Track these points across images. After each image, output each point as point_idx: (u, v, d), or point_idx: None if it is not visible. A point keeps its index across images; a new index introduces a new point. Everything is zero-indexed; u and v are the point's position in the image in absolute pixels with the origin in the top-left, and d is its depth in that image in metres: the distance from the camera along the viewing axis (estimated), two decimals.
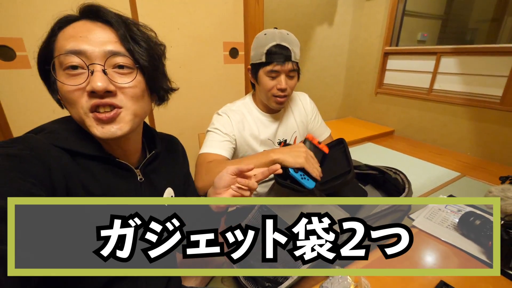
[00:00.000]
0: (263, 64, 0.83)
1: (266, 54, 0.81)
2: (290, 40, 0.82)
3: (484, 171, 2.11)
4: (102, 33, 0.43)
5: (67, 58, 0.40)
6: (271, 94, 0.86)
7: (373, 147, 2.70)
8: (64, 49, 0.41)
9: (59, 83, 0.42)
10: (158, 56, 0.50)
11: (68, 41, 0.41)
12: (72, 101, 0.42)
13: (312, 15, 2.81)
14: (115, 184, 0.47)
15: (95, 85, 0.40)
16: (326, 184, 0.75)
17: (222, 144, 0.85)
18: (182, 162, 0.67)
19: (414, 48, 2.75)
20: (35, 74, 0.46)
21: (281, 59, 0.80)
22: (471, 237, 0.63)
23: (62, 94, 0.43)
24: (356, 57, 3.34)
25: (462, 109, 2.42)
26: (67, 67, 0.41)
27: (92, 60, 0.41)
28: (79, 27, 0.42)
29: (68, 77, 0.41)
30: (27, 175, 0.33)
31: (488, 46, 2.19)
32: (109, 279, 0.47)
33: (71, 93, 0.41)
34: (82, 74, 0.41)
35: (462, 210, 0.73)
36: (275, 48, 0.80)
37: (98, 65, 0.41)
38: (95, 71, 0.41)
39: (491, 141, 2.28)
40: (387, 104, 3.10)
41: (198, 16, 1.55)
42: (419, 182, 1.95)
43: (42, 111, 1.31)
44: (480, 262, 0.57)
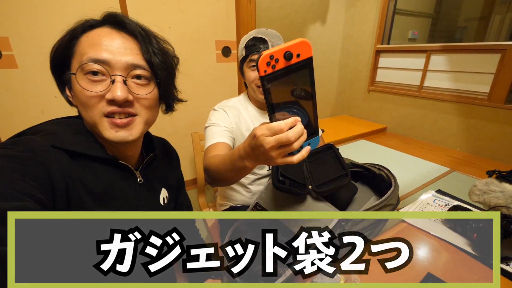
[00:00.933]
0: (244, 58, 0.88)
1: (245, 48, 0.86)
2: (268, 33, 0.87)
3: (473, 166, 2.17)
4: (125, 44, 0.44)
5: (90, 64, 0.42)
6: (254, 85, 0.89)
7: (366, 144, 2.74)
8: (87, 56, 0.42)
9: (78, 87, 0.43)
10: (173, 70, 0.52)
11: (93, 48, 0.42)
12: (90, 105, 0.43)
13: (306, 14, 2.82)
14: (116, 184, 0.48)
15: (116, 95, 0.42)
16: (322, 186, 0.77)
17: (223, 133, 0.87)
18: (176, 166, 0.69)
19: (405, 46, 2.79)
20: (22, 73, 0.46)
21: (258, 49, 0.85)
22: (457, 230, 0.65)
23: (80, 97, 0.44)
24: (349, 56, 3.37)
25: (451, 105, 2.48)
26: (88, 72, 0.42)
27: (114, 69, 0.43)
28: (104, 35, 0.44)
29: (89, 82, 0.42)
30: (28, 177, 0.34)
31: (475, 44, 2.24)
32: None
33: (90, 99, 0.43)
34: (103, 81, 0.43)
35: (450, 204, 0.75)
36: (252, 41, 0.86)
37: (120, 76, 0.43)
38: (116, 81, 0.43)
39: (479, 137, 2.34)
40: (380, 102, 3.15)
41: (189, 14, 1.54)
42: (411, 177, 1.99)
43: (29, 112, 1.28)
44: (466, 254, 0.59)
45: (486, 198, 0.62)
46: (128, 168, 0.51)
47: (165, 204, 0.60)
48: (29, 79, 1.22)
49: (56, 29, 0.45)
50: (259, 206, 0.86)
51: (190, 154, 1.79)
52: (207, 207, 1.40)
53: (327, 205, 0.75)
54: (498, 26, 2.76)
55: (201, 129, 1.58)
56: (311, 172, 0.79)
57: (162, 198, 0.60)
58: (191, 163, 1.83)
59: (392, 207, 0.81)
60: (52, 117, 0.49)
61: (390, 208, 0.81)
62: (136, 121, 0.46)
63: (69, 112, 0.51)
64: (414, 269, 0.56)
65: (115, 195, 0.48)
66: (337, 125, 3.22)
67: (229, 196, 1.07)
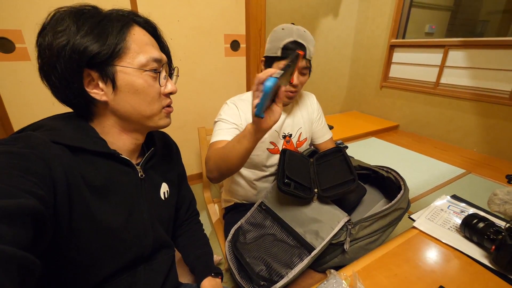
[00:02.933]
0: (278, 58, 0.83)
1: (283, 49, 0.81)
2: (307, 37, 0.83)
3: (491, 169, 2.07)
4: (155, 43, 0.51)
5: (153, 63, 0.48)
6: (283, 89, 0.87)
7: (377, 142, 2.67)
8: (150, 55, 0.47)
9: (143, 84, 0.47)
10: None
11: (147, 48, 0.47)
12: (155, 100, 0.49)
13: (318, 6, 2.74)
14: (117, 178, 0.48)
15: (174, 88, 0.53)
16: (329, 190, 0.75)
17: (230, 131, 0.85)
18: (176, 160, 0.69)
19: (421, 41, 2.67)
20: (34, 66, 0.46)
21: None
22: (473, 240, 0.60)
23: (142, 91, 0.48)
24: (361, 50, 3.26)
25: (469, 104, 2.36)
26: (150, 70, 0.47)
27: (161, 66, 0.50)
28: (148, 36, 0.49)
29: (151, 79, 0.48)
30: (28, 174, 0.34)
31: (498, 39, 2.11)
32: (109, 273, 0.48)
33: (156, 94, 0.49)
34: (157, 76, 0.49)
35: (466, 212, 0.71)
36: (292, 44, 0.80)
37: (170, 72, 0.53)
38: (172, 76, 0.55)
39: (498, 138, 2.22)
40: (392, 98, 3.05)
41: (198, 7, 1.51)
42: (423, 179, 1.92)
43: (41, 104, 1.30)
44: (482, 267, 0.56)
45: (507, 208, 0.58)
46: (130, 162, 0.51)
47: (165, 198, 0.60)
48: None
49: None
50: (264, 205, 0.84)
51: (196, 148, 1.79)
52: (212, 202, 1.40)
53: (334, 208, 0.73)
54: None
55: (208, 123, 1.57)
56: (318, 175, 0.76)
57: (162, 192, 0.60)
58: (197, 157, 1.82)
59: (402, 211, 0.78)
60: (63, 109, 0.50)
61: (401, 212, 0.77)
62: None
63: None
64: (425, 281, 0.52)
65: (116, 189, 0.48)
66: (347, 121, 3.14)
67: (234, 191, 1.06)
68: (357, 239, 0.69)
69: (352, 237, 0.68)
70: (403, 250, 0.61)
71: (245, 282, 0.68)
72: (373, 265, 0.57)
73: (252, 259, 0.71)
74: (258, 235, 0.78)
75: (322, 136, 1.07)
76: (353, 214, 0.87)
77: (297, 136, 0.99)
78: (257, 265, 0.69)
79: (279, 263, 0.67)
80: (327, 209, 0.73)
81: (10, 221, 0.26)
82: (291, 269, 0.65)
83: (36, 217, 0.30)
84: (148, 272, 0.55)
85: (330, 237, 0.67)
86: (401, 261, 0.58)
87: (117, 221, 0.47)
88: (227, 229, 0.97)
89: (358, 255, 0.67)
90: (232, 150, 0.67)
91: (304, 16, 2.68)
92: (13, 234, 0.26)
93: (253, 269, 0.68)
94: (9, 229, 0.26)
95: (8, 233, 0.26)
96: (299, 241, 0.70)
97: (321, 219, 0.71)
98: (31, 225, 0.29)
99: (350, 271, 0.55)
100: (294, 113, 0.99)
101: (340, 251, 0.70)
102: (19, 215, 0.28)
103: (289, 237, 0.72)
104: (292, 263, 0.66)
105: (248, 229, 0.82)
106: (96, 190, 0.44)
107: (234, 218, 0.95)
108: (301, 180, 0.77)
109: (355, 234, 0.68)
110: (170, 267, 0.61)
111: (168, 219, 0.63)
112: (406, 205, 0.77)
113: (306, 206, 0.76)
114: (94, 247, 0.44)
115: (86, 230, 0.42)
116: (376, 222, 0.70)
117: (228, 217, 1.05)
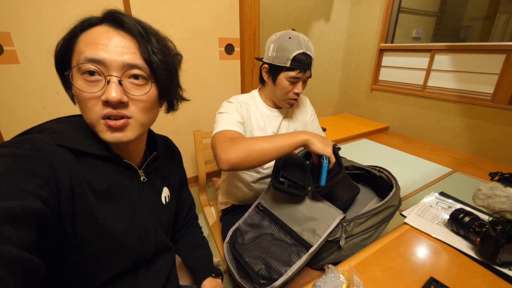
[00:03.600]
0: (286, 68, 0.84)
1: (292, 61, 0.82)
2: (311, 48, 0.86)
3: (475, 167, 2.16)
4: (122, 42, 0.43)
5: (85, 64, 0.41)
6: (287, 97, 0.90)
7: (368, 143, 2.73)
8: (83, 56, 0.41)
9: (75, 89, 0.43)
10: (175, 69, 0.51)
11: (89, 48, 0.42)
12: (87, 107, 0.43)
13: (310, 11, 2.80)
14: (120, 182, 0.48)
15: (110, 96, 0.41)
16: (319, 186, 0.77)
17: (237, 124, 0.84)
18: (178, 165, 0.69)
19: (409, 45, 2.76)
20: (24, 69, 0.46)
21: (305, 67, 0.84)
22: (460, 233, 0.64)
23: (77, 98, 0.44)
24: (352, 54, 3.35)
25: (454, 106, 2.46)
26: (84, 72, 0.42)
27: (110, 70, 0.42)
28: (102, 33, 0.43)
29: (85, 83, 0.42)
30: (33, 176, 0.34)
31: (480, 44, 2.21)
32: (111, 276, 0.48)
33: (87, 100, 0.42)
34: (98, 81, 0.42)
35: (453, 207, 0.75)
36: (302, 56, 0.82)
37: (115, 77, 0.42)
38: (111, 82, 0.42)
39: (482, 138, 2.33)
40: (382, 101, 3.13)
41: (193, 11, 1.53)
42: (413, 178, 1.99)
43: (31, 107, 1.28)
44: (468, 258, 0.59)
45: (490, 202, 0.62)
46: (132, 167, 0.51)
47: (166, 202, 0.61)
48: (30, 74, 1.21)
49: (58, 24, 0.45)
50: (261, 206, 0.86)
51: (192, 152, 1.79)
52: (209, 205, 1.41)
53: (329, 206, 0.75)
54: (503, 25, 2.73)
55: (203, 127, 1.58)
56: (313, 175, 0.79)
57: (164, 197, 0.60)
58: (193, 161, 1.83)
59: (394, 208, 0.81)
60: (54, 113, 0.50)
61: (393, 209, 0.81)
62: (131, 124, 0.45)
63: (71, 108, 0.51)
64: (417, 273, 0.56)
65: (119, 193, 0.48)
66: (340, 123, 3.21)
67: (231, 193, 1.08)
68: (352, 235, 0.71)
69: (347, 234, 0.71)
70: (395, 245, 0.64)
71: (245, 282, 0.69)
72: (368, 259, 0.60)
73: (251, 258, 0.72)
74: (256, 235, 0.80)
75: None
76: (348, 213, 0.90)
77: None
78: (256, 265, 0.70)
79: (278, 262, 0.69)
80: (323, 207, 0.75)
81: (14, 222, 0.26)
82: (290, 267, 0.67)
83: (40, 219, 0.30)
84: (149, 275, 0.55)
85: (327, 234, 0.69)
86: (394, 255, 0.61)
87: (120, 225, 0.47)
88: (224, 231, 0.98)
89: (354, 251, 0.70)
90: (272, 148, 0.69)
91: (297, 20, 2.73)
92: (17, 235, 0.26)
93: (252, 269, 0.69)
94: (13, 230, 0.26)
95: (13, 235, 0.26)
96: (296, 239, 0.72)
97: (317, 217, 0.73)
98: (35, 227, 0.29)
99: (347, 265, 0.58)
100: (290, 116, 1.02)
101: (336, 247, 0.72)
102: (23, 217, 0.28)
103: (287, 236, 0.74)
104: (291, 260, 0.68)
105: (246, 230, 0.83)
106: (99, 193, 0.44)
107: (231, 219, 0.96)
108: (295, 179, 0.79)
109: (350, 231, 0.71)
110: (170, 270, 0.62)
111: (168, 223, 0.63)
112: (397, 203, 0.81)
113: (302, 205, 0.78)
114: (96, 250, 0.44)
115: (89, 233, 0.43)
116: (370, 219, 0.73)
117: (225, 219, 1.07)
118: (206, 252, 0.73)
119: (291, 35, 0.85)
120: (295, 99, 0.90)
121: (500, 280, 0.54)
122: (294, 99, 0.90)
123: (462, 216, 0.63)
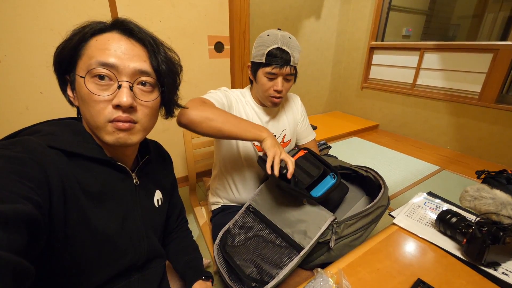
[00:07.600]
0: (262, 64, 0.84)
1: (267, 56, 0.82)
2: (291, 44, 0.83)
3: (462, 165, 2.21)
4: (134, 50, 0.45)
5: (98, 68, 0.42)
6: (267, 94, 0.88)
7: (358, 141, 2.76)
8: (95, 60, 0.42)
9: (85, 90, 0.43)
10: (178, 78, 0.55)
11: (101, 52, 0.43)
12: (96, 110, 0.44)
13: (300, 8, 2.78)
14: (113, 185, 0.49)
15: (122, 100, 0.43)
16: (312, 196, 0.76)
17: (218, 102, 0.84)
18: (170, 169, 0.70)
19: (399, 44, 2.79)
20: (4, 68, 0.45)
21: (280, 62, 0.82)
22: (447, 234, 0.65)
23: (86, 100, 0.44)
24: (343, 52, 3.36)
25: (442, 104, 2.50)
26: (95, 76, 0.43)
27: (121, 75, 0.44)
28: (113, 40, 0.44)
29: (96, 86, 0.43)
30: (25, 179, 0.33)
31: (469, 43, 2.25)
32: (103, 281, 0.48)
33: (97, 103, 0.43)
34: (109, 85, 0.43)
35: (440, 208, 0.76)
36: (276, 51, 0.81)
37: (126, 82, 0.44)
38: (123, 87, 0.44)
39: (469, 136, 2.38)
40: (372, 99, 3.16)
41: (181, 8, 1.49)
42: (401, 176, 2.02)
43: (14, 107, 1.23)
44: (455, 258, 0.60)
45: (477, 204, 0.63)
46: (125, 169, 0.51)
47: (159, 205, 0.61)
48: (12, 74, 1.16)
49: (39, 23, 0.44)
50: (252, 208, 0.85)
51: (181, 151, 1.76)
52: (199, 205, 1.39)
53: (320, 208, 0.75)
54: (491, 24, 2.78)
55: None
56: (298, 180, 0.78)
57: (156, 199, 0.61)
58: (182, 160, 1.80)
59: (383, 208, 0.82)
60: (37, 113, 0.49)
61: (382, 210, 0.81)
62: (136, 129, 0.47)
63: (55, 108, 0.50)
64: (405, 274, 0.56)
65: (112, 196, 0.48)
66: (330, 121, 3.22)
67: (220, 194, 1.07)
68: (342, 237, 0.71)
69: (337, 235, 0.71)
70: (384, 246, 0.65)
71: (236, 285, 0.69)
72: (357, 261, 0.60)
73: (242, 261, 0.72)
74: (247, 238, 0.79)
75: (306, 137, 1.10)
76: (337, 212, 0.90)
77: (281, 138, 1.01)
78: (247, 267, 0.70)
79: (269, 264, 0.69)
80: (313, 210, 0.75)
81: (5, 226, 0.26)
82: (281, 269, 0.67)
83: (31, 222, 0.30)
84: (142, 282, 0.55)
85: (318, 236, 0.69)
86: (382, 257, 0.61)
87: (112, 227, 0.47)
88: (215, 232, 0.97)
89: (343, 251, 0.70)
90: (233, 125, 0.70)
91: (287, 18, 2.71)
92: (8, 239, 0.26)
93: (243, 271, 0.69)
94: (4, 234, 0.26)
95: (3, 238, 0.26)
96: (287, 241, 0.72)
97: (308, 219, 0.73)
98: (26, 230, 0.29)
99: (336, 268, 0.57)
100: (279, 115, 1.01)
101: (326, 249, 0.72)
102: (14, 220, 0.27)
103: (278, 238, 0.74)
104: (282, 263, 0.68)
105: (236, 232, 0.82)
106: (91, 196, 0.44)
107: (222, 220, 0.95)
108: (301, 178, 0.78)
109: (340, 233, 0.71)
110: (162, 276, 0.62)
111: (160, 226, 0.63)
112: (386, 203, 0.81)
113: (293, 207, 0.78)
114: (88, 253, 0.44)
115: (81, 235, 0.42)
116: (360, 220, 0.73)
117: (216, 219, 1.05)
118: (196, 255, 0.72)
119: (271, 32, 0.84)
120: (277, 97, 0.88)
121: (485, 280, 0.55)
122: (276, 97, 0.88)
123: (450, 216, 0.64)
